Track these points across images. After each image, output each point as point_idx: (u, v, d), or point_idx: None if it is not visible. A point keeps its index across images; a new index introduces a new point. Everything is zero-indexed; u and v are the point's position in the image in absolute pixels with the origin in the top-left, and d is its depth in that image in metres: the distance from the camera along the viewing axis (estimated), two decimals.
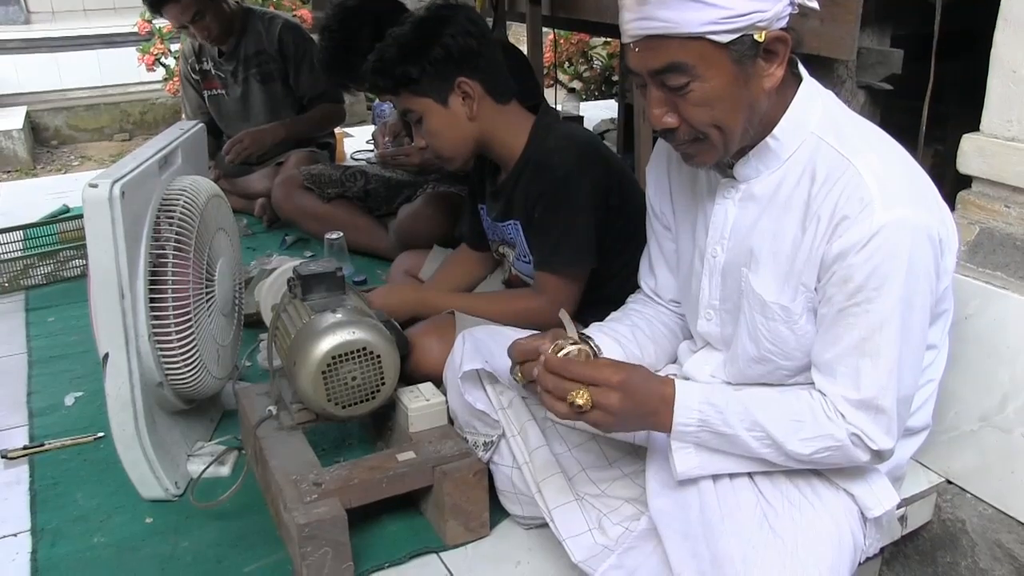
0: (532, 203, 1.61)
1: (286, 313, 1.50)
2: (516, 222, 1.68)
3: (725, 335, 1.23)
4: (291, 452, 1.42)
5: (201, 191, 1.57)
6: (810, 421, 1.07)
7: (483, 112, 1.59)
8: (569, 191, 1.56)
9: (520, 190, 1.64)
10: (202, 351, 1.52)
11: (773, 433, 1.07)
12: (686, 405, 1.07)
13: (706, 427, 1.07)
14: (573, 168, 1.55)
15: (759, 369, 1.18)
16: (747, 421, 1.07)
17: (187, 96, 3.22)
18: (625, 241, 1.65)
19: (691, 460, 1.10)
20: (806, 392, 1.10)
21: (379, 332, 1.40)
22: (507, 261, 1.81)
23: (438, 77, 1.55)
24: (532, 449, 1.30)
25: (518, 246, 1.72)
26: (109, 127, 6.09)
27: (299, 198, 2.76)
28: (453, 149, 1.63)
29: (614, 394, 1.03)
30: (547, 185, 1.57)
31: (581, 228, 1.58)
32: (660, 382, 1.08)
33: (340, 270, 1.52)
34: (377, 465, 1.38)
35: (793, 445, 1.07)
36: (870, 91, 1.60)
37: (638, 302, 1.42)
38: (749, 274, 1.14)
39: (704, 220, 1.21)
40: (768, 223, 1.12)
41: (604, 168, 1.60)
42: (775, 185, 1.11)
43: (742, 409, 1.07)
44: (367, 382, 1.39)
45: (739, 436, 1.07)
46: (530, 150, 1.62)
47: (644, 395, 1.06)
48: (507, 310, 1.64)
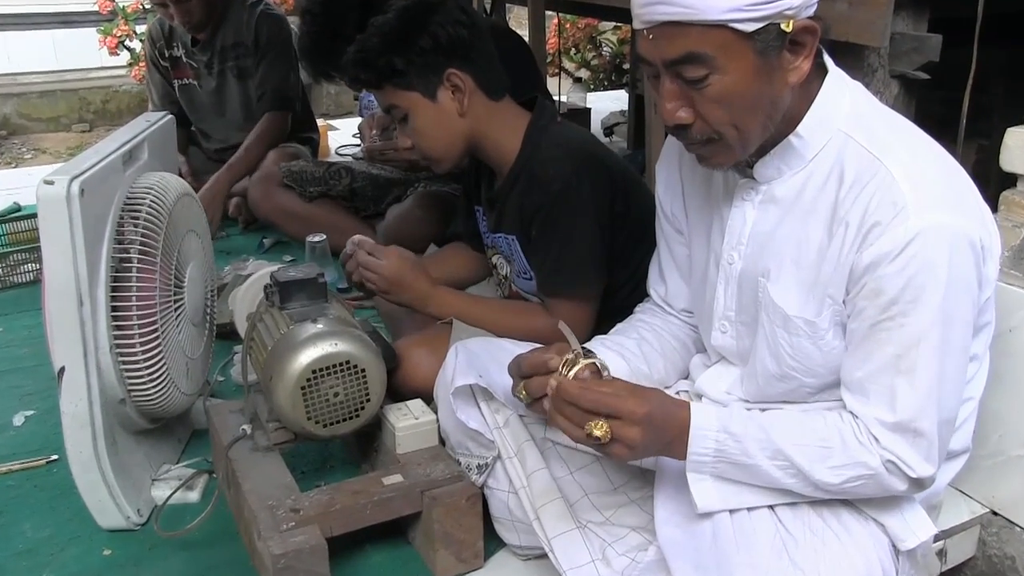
0: (528, 219, 1.61)
1: (262, 323, 1.51)
2: (512, 238, 1.68)
3: (742, 349, 1.24)
4: (266, 475, 1.43)
5: (170, 189, 1.58)
6: (839, 447, 1.07)
7: (474, 108, 1.59)
8: (569, 204, 1.55)
9: (513, 203, 1.64)
10: (170, 365, 1.52)
11: (799, 462, 1.07)
12: (702, 433, 1.07)
13: (723, 457, 1.08)
14: (571, 178, 1.55)
15: (780, 387, 1.19)
16: (769, 449, 1.07)
17: (153, 82, 3.22)
18: (632, 249, 1.65)
19: (711, 495, 1.10)
20: (835, 414, 1.10)
21: (364, 344, 1.41)
22: (499, 272, 1.82)
23: (426, 69, 1.56)
24: (530, 472, 1.30)
25: (516, 262, 1.72)
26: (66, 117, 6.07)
27: (278, 197, 2.77)
28: (442, 149, 1.63)
29: (636, 428, 1.03)
30: (543, 200, 1.56)
31: (585, 243, 1.57)
32: (676, 407, 1.08)
33: (322, 276, 1.53)
34: (361, 489, 1.38)
35: (821, 474, 1.07)
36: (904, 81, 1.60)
37: (646, 312, 1.42)
38: (768, 284, 1.15)
39: (720, 223, 1.22)
40: (791, 229, 1.13)
41: (604, 173, 1.60)
42: (799, 187, 1.12)
43: (763, 436, 1.08)
44: (351, 398, 1.40)
45: (760, 466, 1.08)
46: (523, 158, 1.62)
47: (664, 425, 1.06)
48: (515, 325, 1.63)
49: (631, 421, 1.03)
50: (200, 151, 3.27)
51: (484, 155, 1.68)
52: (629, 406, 1.04)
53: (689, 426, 1.07)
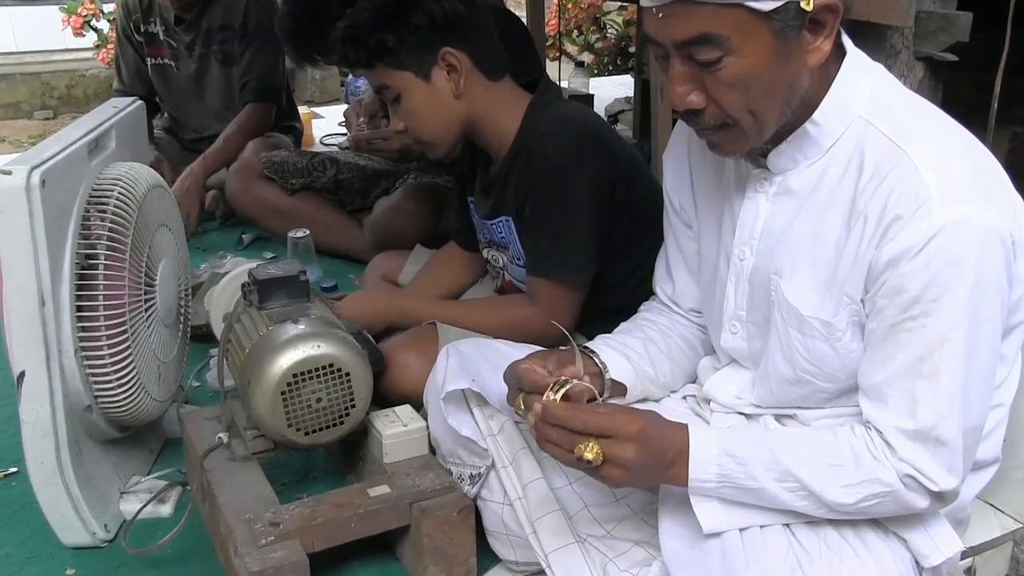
0: (523, 197, 1.61)
1: (240, 324, 1.51)
2: (508, 219, 1.69)
3: (753, 351, 1.24)
4: (244, 487, 1.43)
5: (139, 180, 1.57)
6: (852, 464, 1.07)
7: (471, 89, 1.60)
8: (564, 183, 1.56)
9: (511, 182, 1.65)
10: (140, 369, 1.52)
11: (808, 482, 1.07)
12: (702, 458, 1.08)
13: (728, 482, 1.08)
14: (569, 156, 1.55)
15: (794, 392, 1.19)
16: (776, 471, 1.07)
17: (124, 57, 3.18)
18: (634, 243, 1.65)
19: (718, 516, 1.10)
20: (846, 429, 1.10)
21: (349, 346, 1.41)
22: (494, 266, 1.82)
23: (419, 47, 1.56)
24: (526, 482, 1.30)
25: (511, 248, 1.72)
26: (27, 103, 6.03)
27: (258, 190, 2.77)
28: (436, 132, 1.64)
29: (630, 446, 1.04)
30: (539, 176, 1.57)
31: (578, 227, 1.58)
32: (674, 430, 1.09)
33: (304, 274, 1.53)
34: (345, 501, 1.38)
35: (834, 495, 1.07)
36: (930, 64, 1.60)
37: (652, 311, 1.42)
38: (781, 282, 1.15)
39: (731, 216, 1.22)
40: (806, 223, 1.13)
41: (607, 156, 1.60)
42: (815, 178, 1.12)
43: (769, 457, 1.08)
44: (334, 404, 1.40)
45: (768, 490, 1.08)
46: (522, 136, 1.62)
47: (660, 446, 1.07)
48: (496, 320, 1.65)
49: (623, 438, 1.04)
50: (174, 140, 3.27)
51: (482, 139, 1.68)
52: (620, 423, 1.04)
53: (688, 449, 1.08)
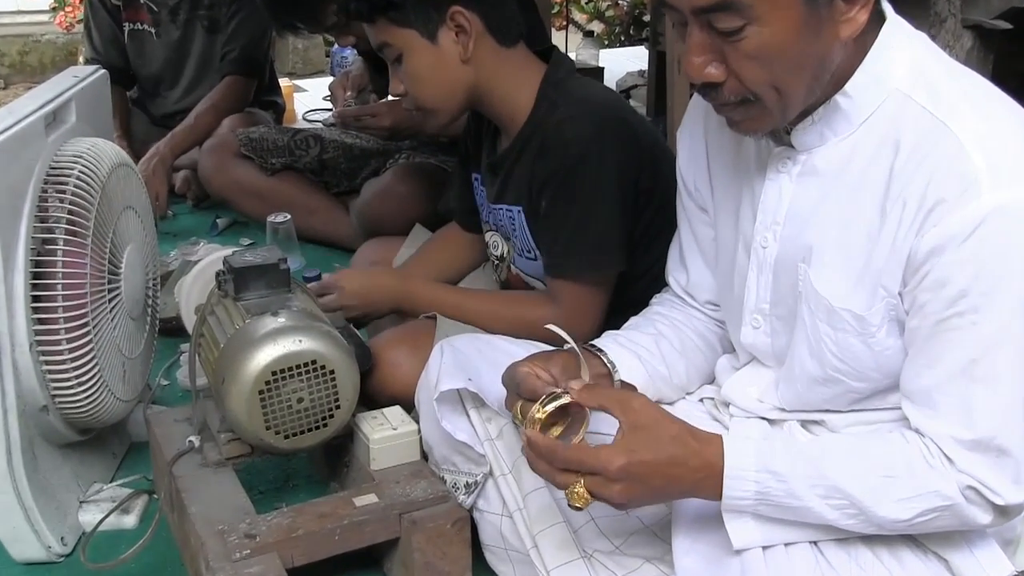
0: (538, 188, 1.61)
1: (214, 317, 1.51)
2: (514, 209, 1.69)
3: (777, 348, 1.23)
4: (217, 495, 1.43)
5: (103, 158, 1.57)
6: (906, 475, 1.06)
7: (481, 54, 1.59)
8: (587, 174, 1.56)
9: (522, 168, 1.64)
10: (102, 366, 1.52)
11: (859, 498, 1.06)
12: (738, 475, 1.07)
13: (766, 500, 1.08)
14: (592, 143, 1.55)
15: (823, 392, 1.19)
16: (821, 486, 1.07)
17: (96, 23, 3.17)
18: (656, 234, 1.65)
19: (751, 534, 1.10)
20: (897, 435, 1.10)
21: (334, 341, 1.41)
22: (493, 252, 1.82)
23: (426, 4, 1.55)
24: (527, 492, 1.30)
25: (518, 239, 1.72)
26: None
27: (234, 170, 2.77)
28: (438, 99, 1.63)
29: (616, 486, 1.05)
30: (558, 166, 1.57)
31: (603, 222, 1.58)
32: (698, 446, 1.07)
33: (284, 262, 1.53)
34: (329, 512, 1.38)
35: (886, 510, 1.06)
36: (980, 32, 1.58)
37: (664, 304, 1.42)
38: (809, 271, 1.14)
39: (751, 200, 1.21)
40: (835, 206, 1.12)
41: (631, 141, 1.60)
42: (845, 156, 1.11)
43: (813, 472, 1.07)
44: (317, 405, 1.40)
45: (812, 508, 1.07)
46: (538, 115, 1.62)
47: (667, 474, 1.06)
48: (513, 318, 1.64)
49: (608, 477, 1.05)
50: (143, 114, 3.27)
51: (490, 110, 1.68)
52: (601, 460, 1.05)
53: (721, 464, 1.07)
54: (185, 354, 1.98)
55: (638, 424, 1.07)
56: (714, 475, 1.07)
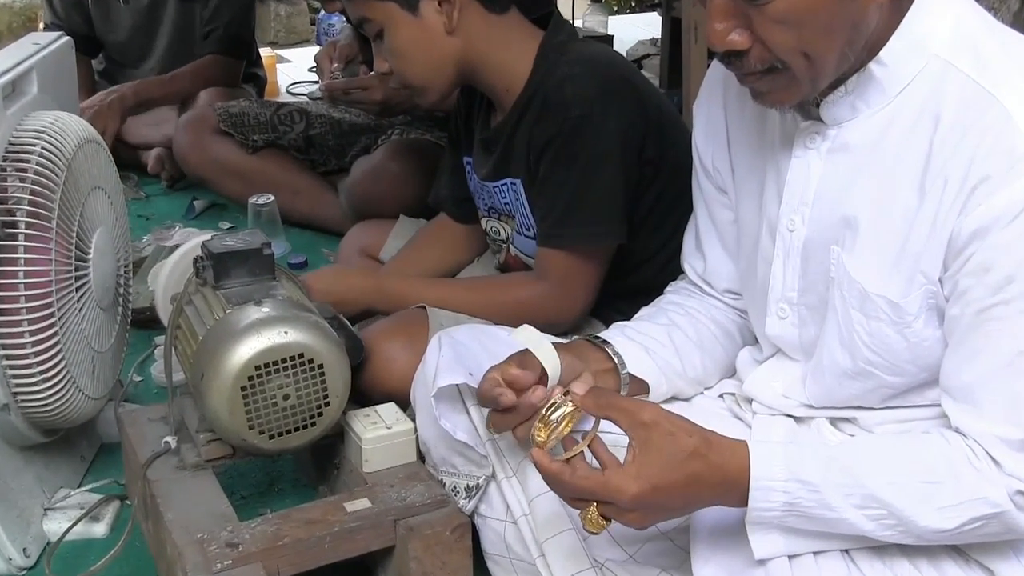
0: (537, 153, 1.61)
1: (192, 307, 1.51)
2: (516, 181, 1.69)
3: (805, 339, 1.23)
4: (196, 501, 1.43)
5: (68, 134, 1.57)
6: (950, 481, 1.06)
7: (469, 25, 1.60)
8: (587, 135, 1.56)
9: (522, 136, 1.65)
10: (69, 360, 1.52)
11: (899, 508, 1.06)
12: (765, 486, 1.06)
13: (795, 511, 1.07)
14: (593, 103, 1.56)
15: (854, 387, 1.18)
16: (857, 495, 1.06)
17: None
18: (664, 212, 1.65)
19: (775, 544, 1.10)
20: (937, 436, 1.09)
21: (322, 333, 1.40)
22: (495, 239, 1.82)
23: None
24: (533, 496, 1.30)
25: (519, 216, 1.72)
26: None
27: (213, 147, 2.77)
28: (426, 75, 1.64)
29: (631, 515, 1.06)
30: (558, 128, 1.57)
31: (602, 187, 1.58)
32: (719, 460, 1.06)
33: (268, 247, 1.53)
34: (318, 518, 1.38)
35: (928, 519, 1.06)
36: None
37: (679, 293, 1.42)
38: (843, 254, 1.14)
39: (776, 179, 1.21)
40: (868, 185, 1.12)
41: (637, 104, 1.60)
42: (880, 130, 1.11)
43: (849, 480, 1.06)
44: (305, 402, 1.40)
45: (846, 519, 1.07)
46: (536, 80, 1.62)
47: (685, 494, 1.07)
48: (496, 302, 1.65)
49: (621, 508, 1.05)
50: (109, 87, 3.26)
51: (484, 83, 1.68)
52: (611, 489, 1.04)
53: (746, 477, 1.06)
54: (160, 347, 1.99)
55: (650, 442, 1.06)
56: (739, 488, 1.07)
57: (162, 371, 1.70)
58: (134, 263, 1.95)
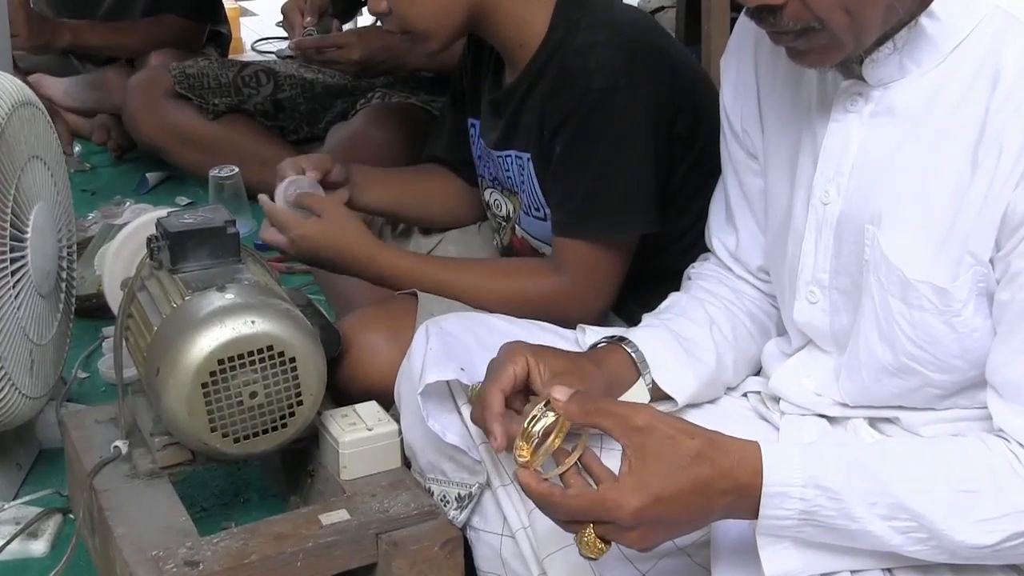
0: (553, 129, 1.61)
1: (145, 293, 1.51)
2: (523, 156, 1.69)
3: (838, 328, 1.23)
4: (150, 513, 1.43)
5: (1, 96, 1.56)
6: (990, 490, 1.05)
7: None
8: (613, 112, 1.56)
9: (534, 104, 1.64)
10: (4, 354, 1.52)
11: (930, 519, 1.05)
12: (780, 492, 1.05)
13: (813, 520, 1.07)
14: (620, 75, 1.55)
15: (895, 384, 1.19)
16: (884, 504, 1.06)
17: None
18: (693, 192, 1.65)
19: (788, 560, 1.09)
20: (975, 440, 1.09)
21: (294, 322, 1.40)
22: (496, 214, 1.82)
23: None
24: (534, 507, 1.30)
25: (525, 195, 1.72)
26: None
27: (168, 112, 2.76)
28: (432, 18, 1.62)
29: (630, 533, 1.05)
30: (578, 102, 1.57)
31: (631, 171, 1.58)
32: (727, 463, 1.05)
33: (232, 224, 1.53)
34: (289, 532, 1.38)
35: (964, 533, 1.05)
36: None
37: (708, 278, 1.42)
38: (879, 234, 1.14)
39: (811, 145, 1.21)
40: (915, 153, 1.12)
41: (669, 75, 1.60)
42: (930, 93, 1.11)
43: (873, 486, 1.06)
44: (274, 401, 1.40)
45: (870, 531, 1.06)
46: (554, 40, 1.62)
47: (692, 505, 1.05)
48: (508, 292, 1.64)
49: (621, 527, 1.04)
50: None
51: (494, 34, 1.67)
52: (607, 506, 1.03)
53: (759, 481, 1.05)
54: (109, 339, 1.99)
55: (647, 449, 1.05)
56: (751, 495, 1.06)
57: (111, 366, 1.70)
58: (78, 244, 1.95)
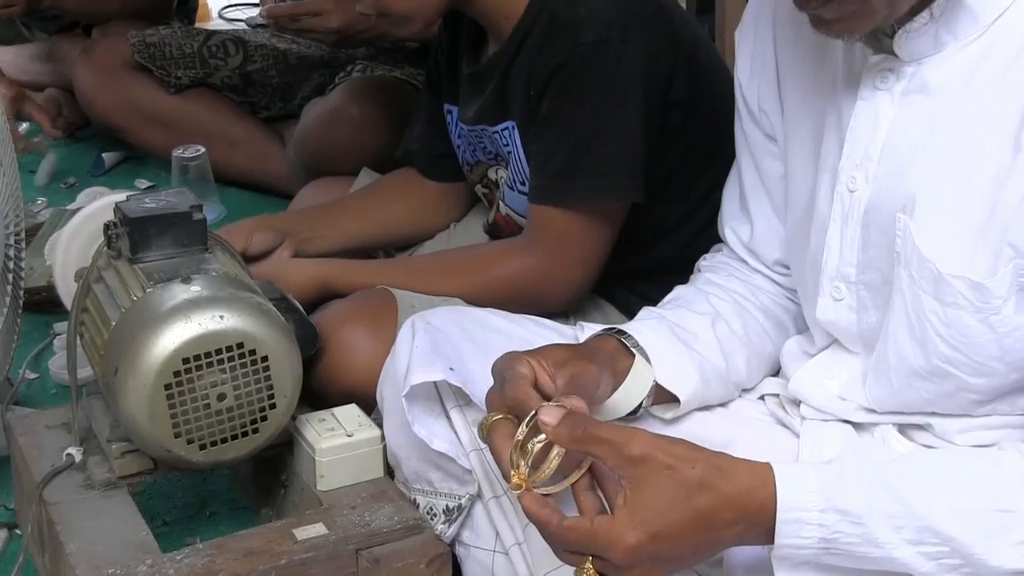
0: (539, 88, 1.62)
1: (102, 285, 1.51)
2: (511, 124, 1.70)
3: (865, 327, 1.24)
4: (107, 527, 1.43)
5: None
6: None
7: None
8: (601, 67, 1.57)
9: (520, 67, 1.65)
10: None
11: (963, 542, 1.05)
12: (797, 518, 1.05)
13: (833, 548, 1.07)
14: (612, 28, 1.56)
15: (927, 389, 1.19)
16: (911, 528, 1.06)
17: None
18: (695, 170, 1.67)
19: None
20: (1009, 453, 1.10)
21: (267, 317, 1.41)
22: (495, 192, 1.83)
23: None
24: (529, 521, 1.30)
25: (512, 167, 1.73)
26: None
27: (126, 86, 2.77)
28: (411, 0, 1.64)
29: (628, 573, 1.05)
30: (564, 56, 1.57)
31: (619, 131, 1.59)
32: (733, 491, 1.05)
33: (199, 210, 1.53)
34: (260, 548, 1.38)
35: (1002, 557, 1.05)
36: None
37: (718, 271, 1.42)
38: (911, 224, 1.15)
39: (836, 126, 1.22)
40: (952, 136, 1.12)
41: (666, 32, 1.61)
42: (969, 69, 1.11)
43: (900, 508, 1.06)
44: (245, 404, 1.40)
45: (896, 558, 1.06)
46: (539, 2, 1.63)
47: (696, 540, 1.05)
48: (478, 279, 1.66)
49: (617, 566, 1.04)
50: None
51: (478, 9, 1.69)
52: (600, 542, 1.03)
53: (771, 502, 1.05)
54: (61, 336, 1.99)
55: (643, 481, 1.04)
56: (763, 523, 1.06)
57: (63, 366, 1.70)
58: (27, 231, 1.94)
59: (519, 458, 1.09)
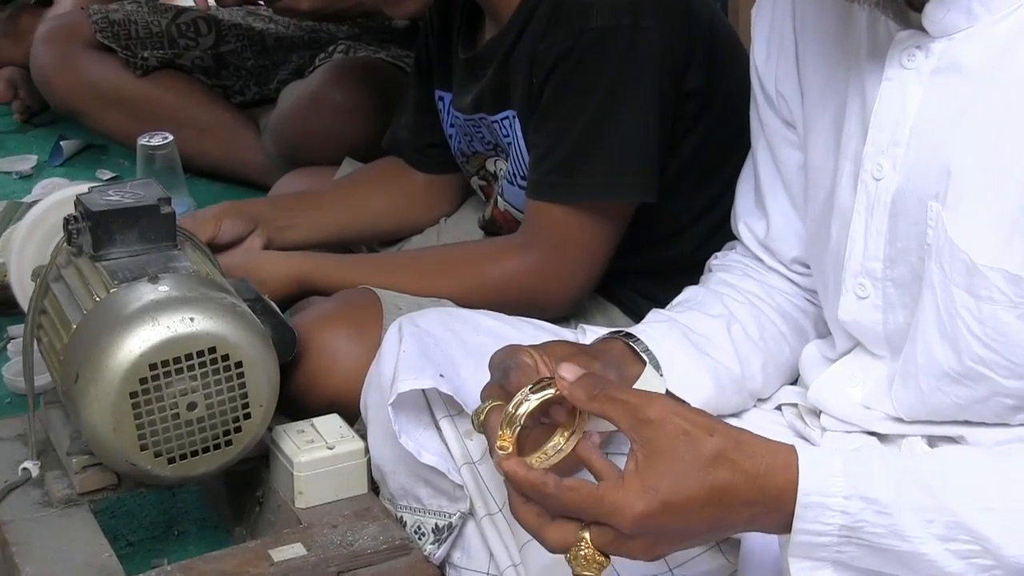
0: (542, 73, 1.62)
1: (62, 284, 1.51)
2: (511, 115, 1.70)
3: (891, 329, 1.24)
4: (66, 548, 1.43)
5: None
6: None
7: None
8: (611, 54, 1.57)
9: (522, 52, 1.66)
10: None
11: (996, 542, 1.05)
12: (818, 502, 1.05)
13: (856, 538, 1.07)
14: (624, 13, 1.56)
15: (959, 394, 1.19)
16: (941, 523, 1.06)
17: None
18: (712, 162, 1.67)
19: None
20: None
21: (241, 320, 1.41)
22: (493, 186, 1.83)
23: None
24: (526, 540, 1.29)
25: (511, 160, 1.74)
26: None
27: (88, 67, 2.77)
28: None
29: (632, 542, 1.04)
30: (571, 41, 1.58)
31: (629, 123, 1.59)
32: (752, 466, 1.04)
33: (167, 203, 1.53)
34: (234, 570, 1.38)
35: None
36: None
37: (732, 271, 1.43)
38: (943, 212, 1.15)
39: (860, 110, 1.22)
40: (985, 117, 1.12)
41: (683, 17, 1.62)
42: (1003, 45, 1.11)
43: (930, 502, 1.06)
44: (217, 414, 1.40)
45: (923, 553, 1.06)
46: None
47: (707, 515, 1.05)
48: (470, 279, 1.66)
49: (620, 535, 1.03)
50: None
51: None
52: (606, 508, 1.02)
53: (793, 484, 1.05)
54: (17, 340, 1.98)
55: (657, 445, 1.04)
56: (781, 506, 1.06)
57: (19, 373, 1.70)
58: None
59: (506, 427, 1.08)
